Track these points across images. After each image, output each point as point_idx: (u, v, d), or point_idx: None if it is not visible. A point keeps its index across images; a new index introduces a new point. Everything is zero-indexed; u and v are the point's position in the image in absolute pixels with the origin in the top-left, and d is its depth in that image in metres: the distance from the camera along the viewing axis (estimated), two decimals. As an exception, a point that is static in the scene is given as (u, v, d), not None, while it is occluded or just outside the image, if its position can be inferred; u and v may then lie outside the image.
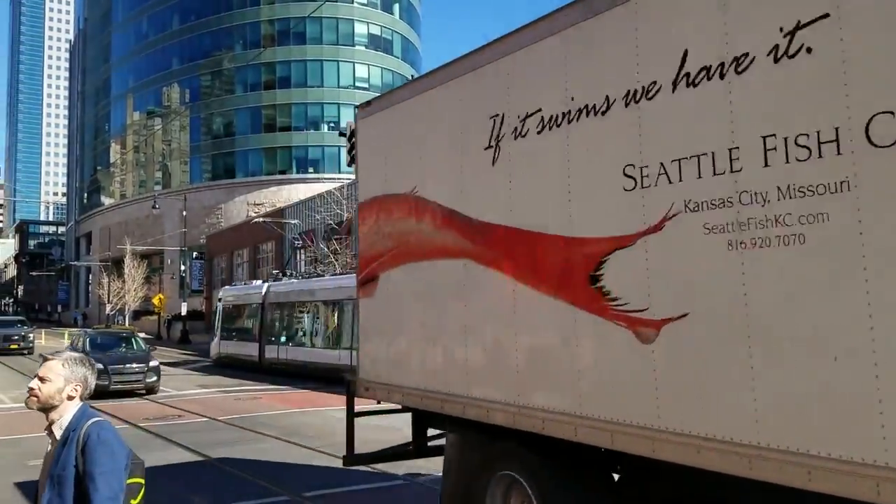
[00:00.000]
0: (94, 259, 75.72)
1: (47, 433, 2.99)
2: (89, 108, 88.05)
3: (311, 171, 61.11)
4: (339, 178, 50.02)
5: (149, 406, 16.83)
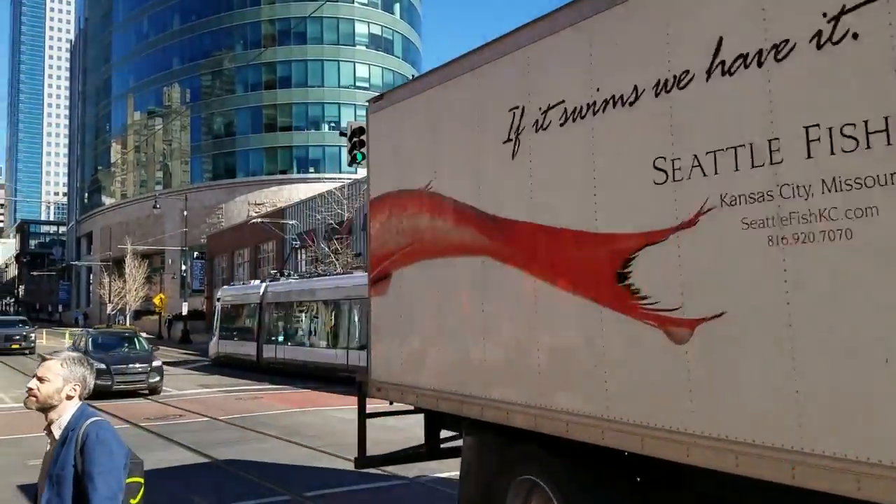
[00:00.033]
0: (95, 259, 75.58)
1: (46, 433, 2.97)
2: (90, 107, 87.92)
3: (311, 170, 61.00)
4: (339, 178, 49.82)
5: (149, 406, 16.75)
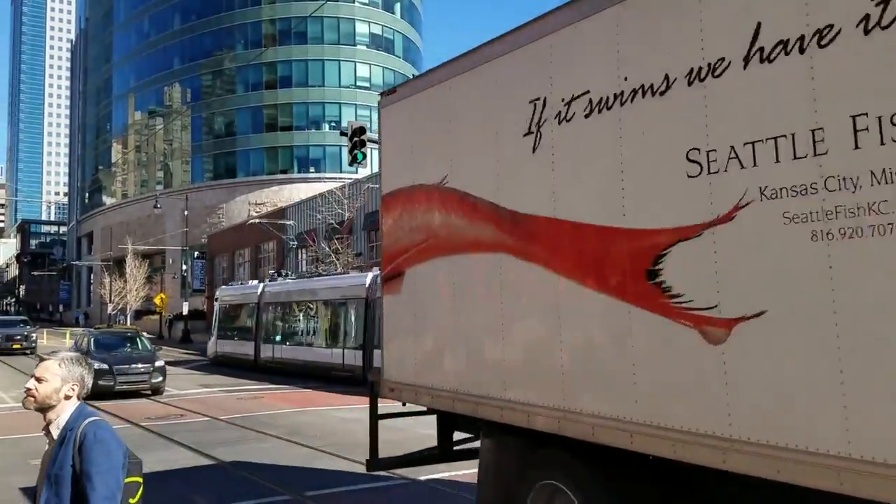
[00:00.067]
0: (96, 259, 75.44)
1: (45, 433, 2.96)
2: (91, 107, 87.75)
3: (312, 170, 60.92)
4: (340, 178, 49.72)
5: (150, 405, 16.70)
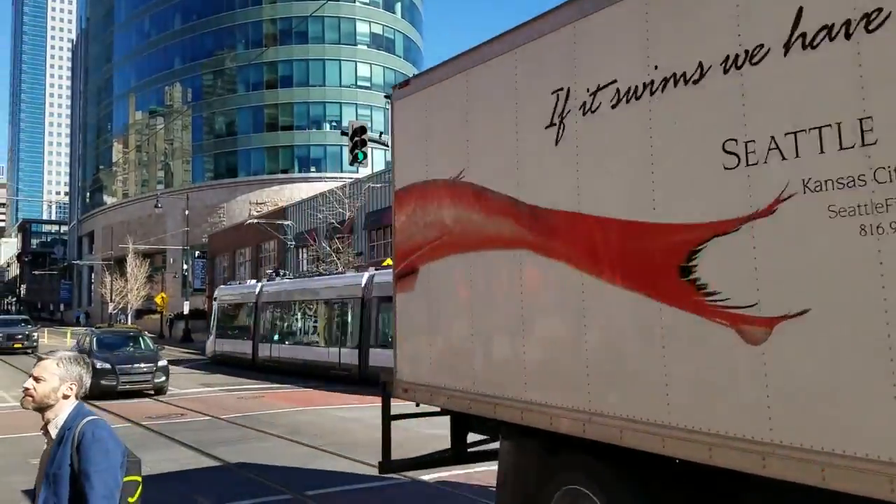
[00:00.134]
0: (97, 258, 75.34)
1: (43, 433, 2.96)
2: (92, 107, 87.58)
3: (313, 170, 60.79)
4: (341, 178, 49.55)
5: (151, 404, 16.63)
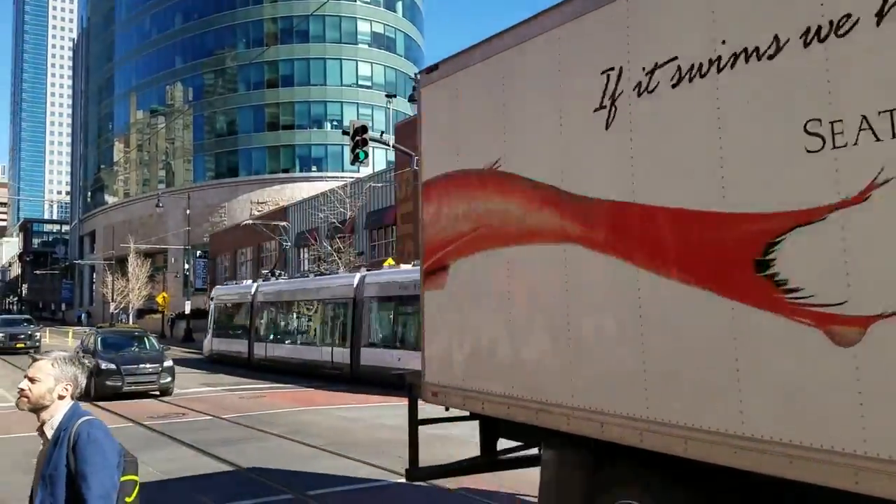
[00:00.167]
0: (98, 257, 75.07)
1: (39, 433, 2.94)
2: (93, 106, 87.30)
3: (314, 169, 60.58)
4: (342, 177, 49.25)
5: (153, 404, 16.48)
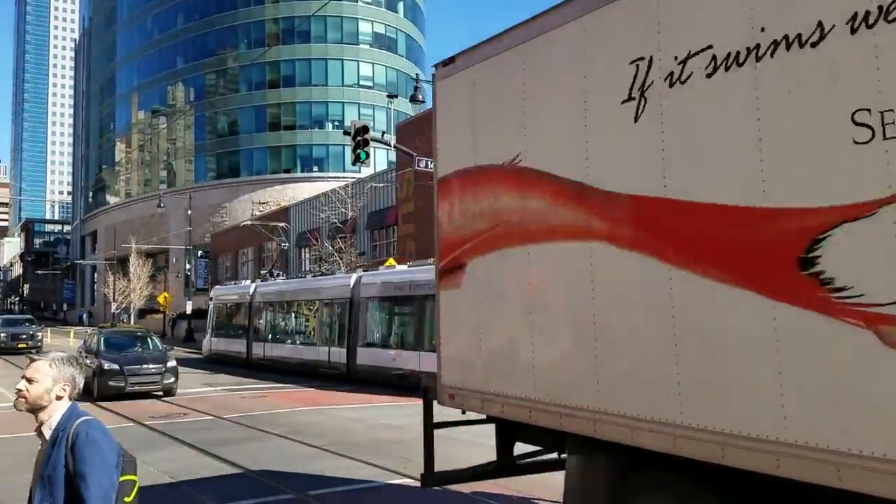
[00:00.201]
0: (100, 257, 75.01)
1: (37, 434, 2.93)
2: (94, 106, 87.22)
3: (315, 169, 60.51)
4: (343, 177, 49.17)
5: (154, 404, 16.43)
